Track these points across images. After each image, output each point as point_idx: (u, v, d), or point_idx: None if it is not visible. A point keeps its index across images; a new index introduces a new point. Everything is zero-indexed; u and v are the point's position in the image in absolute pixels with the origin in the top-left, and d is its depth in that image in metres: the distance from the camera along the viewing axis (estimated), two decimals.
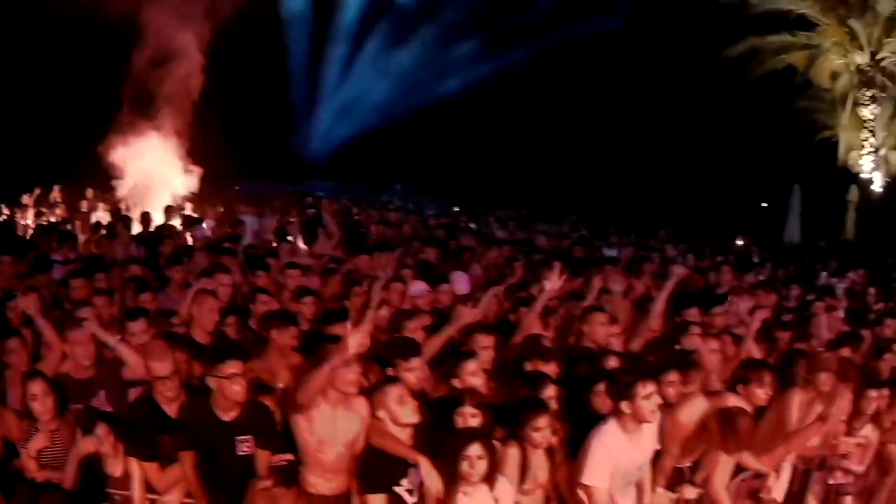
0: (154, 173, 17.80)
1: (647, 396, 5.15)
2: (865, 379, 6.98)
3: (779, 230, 25.32)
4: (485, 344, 6.34)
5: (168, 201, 16.40)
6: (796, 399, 6.27)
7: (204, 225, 14.65)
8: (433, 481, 4.77)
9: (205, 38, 18.00)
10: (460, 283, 9.19)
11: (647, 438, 5.39)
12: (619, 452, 5.20)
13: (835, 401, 6.27)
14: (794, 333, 8.37)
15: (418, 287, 8.83)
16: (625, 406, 5.16)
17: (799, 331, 8.52)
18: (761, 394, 5.96)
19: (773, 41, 30.24)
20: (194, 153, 18.54)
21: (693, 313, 8.15)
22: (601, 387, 5.69)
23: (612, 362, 6.39)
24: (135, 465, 5.20)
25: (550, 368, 6.00)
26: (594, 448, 5.18)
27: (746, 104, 32.47)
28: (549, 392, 5.49)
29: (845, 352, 7.67)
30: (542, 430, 5.10)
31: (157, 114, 17.73)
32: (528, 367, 6.02)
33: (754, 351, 7.45)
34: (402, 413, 5.11)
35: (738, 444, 5.73)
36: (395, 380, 5.32)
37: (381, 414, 5.15)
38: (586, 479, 5.16)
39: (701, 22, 30.23)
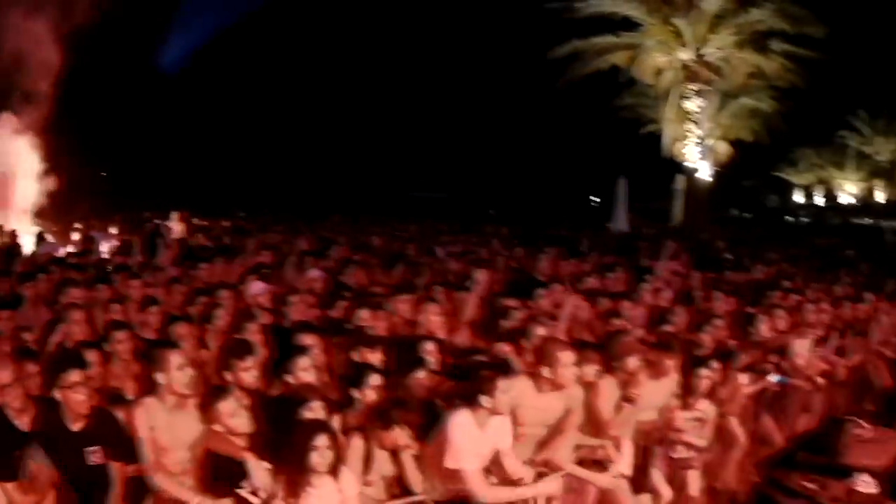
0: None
1: (506, 392, 5.31)
2: (691, 355, 7.31)
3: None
4: (310, 342, 6.41)
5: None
6: (607, 380, 6.37)
7: (52, 240, 14.53)
8: (261, 478, 4.85)
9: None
10: (255, 288, 9.27)
11: (495, 432, 5.51)
12: (466, 442, 5.30)
13: (645, 380, 6.49)
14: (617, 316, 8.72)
15: (257, 286, 9.00)
16: (484, 400, 5.28)
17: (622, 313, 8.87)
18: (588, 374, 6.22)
19: (597, 42, 31.37)
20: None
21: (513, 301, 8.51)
22: (421, 373, 5.88)
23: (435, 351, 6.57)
24: None
25: (377, 357, 6.22)
26: (454, 434, 5.27)
27: (574, 103, 34.06)
28: (379, 380, 5.59)
29: (669, 329, 8.15)
30: (401, 423, 5.20)
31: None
32: (356, 357, 6.21)
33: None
34: (237, 425, 5.18)
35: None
36: (224, 391, 5.35)
37: (217, 427, 5.17)
38: (455, 463, 5.25)
39: (527, 25, 31.28)
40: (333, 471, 4.72)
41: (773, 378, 8.36)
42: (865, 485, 7.02)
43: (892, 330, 11.01)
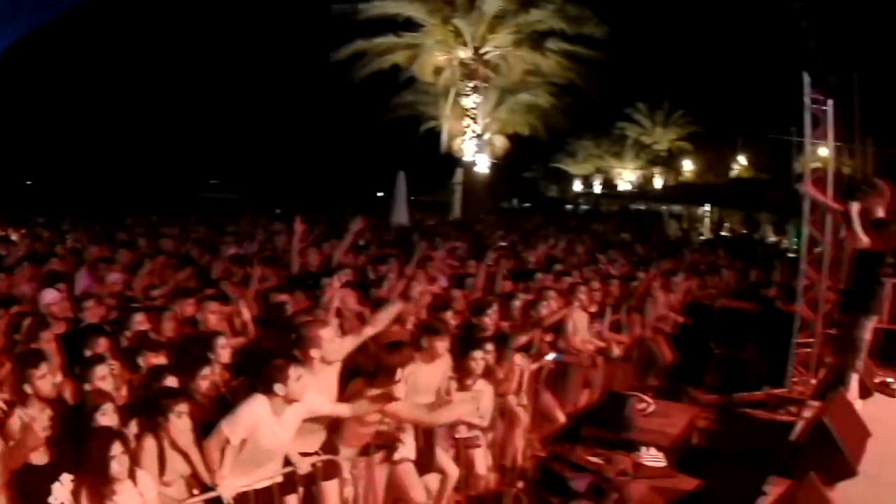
0: None
1: (298, 378, 5.21)
2: (470, 337, 7.19)
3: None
4: (103, 348, 6.14)
5: None
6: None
7: None
8: (64, 491, 4.58)
9: None
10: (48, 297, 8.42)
11: (291, 418, 5.36)
12: (262, 426, 5.19)
13: (420, 365, 6.36)
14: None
15: (50, 295, 8.30)
16: (278, 388, 5.18)
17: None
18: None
19: (380, 43, 31.42)
20: None
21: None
22: (206, 371, 5.79)
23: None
24: None
25: (160, 359, 6.06)
26: (241, 409, 5.19)
27: (356, 103, 34.05)
28: (172, 381, 5.54)
29: (449, 315, 7.87)
30: (184, 414, 5.10)
31: None
32: (141, 361, 6.05)
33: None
34: (30, 441, 4.78)
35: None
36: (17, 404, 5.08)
37: (11, 444, 4.83)
38: (224, 426, 5.14)
39: (312, 28, 31.08)
40: (131, 474, 4.61)
41: (550, 356, 8.29)
42: (652, 458, 6.96)
43: (668, 307, 11.19)
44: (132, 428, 5.11)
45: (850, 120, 10.58)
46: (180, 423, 5.08)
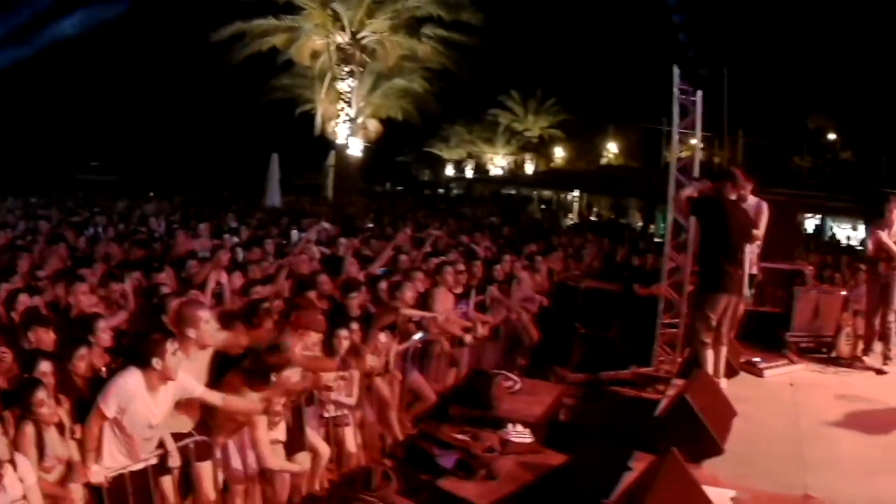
0: None
1: (175, 353, 5.16)
2: (337, 316, 7.19)
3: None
4: None
5: None
6: None
7: None
8: None
9: None
10: None
11: (165, 397, 5.26)
12: (136, 399, 5.09)
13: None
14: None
15: None
16: (155, 362, 5.09)
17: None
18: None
19: (259, 25, 30.97)
20: None
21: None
22: (83, 351, 5.76)
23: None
24: None
25: (49, 337, 6.04)
26: (115, 380, 5.14)
27: (233, 85, 33.93)
28: (45, 367, 5.32)
29: (313, 294, 7.87)
30: (45, 405, 4.91)
31: None
32: (31, 336, 6.01)
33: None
34: None
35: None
36: None
37: None
38: (100, 399, 5.06)
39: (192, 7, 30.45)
40: (11, 460, 4.57)
41: (416, 336, 8.33)
42: (518, 434, 6.96)
43: (533, 288, 11.30)
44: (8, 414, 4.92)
45: (719, 112, 10.85)
46: (44, 411, 4.90)
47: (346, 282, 8.40)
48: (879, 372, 9.20)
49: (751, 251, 9.15)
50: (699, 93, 10.66)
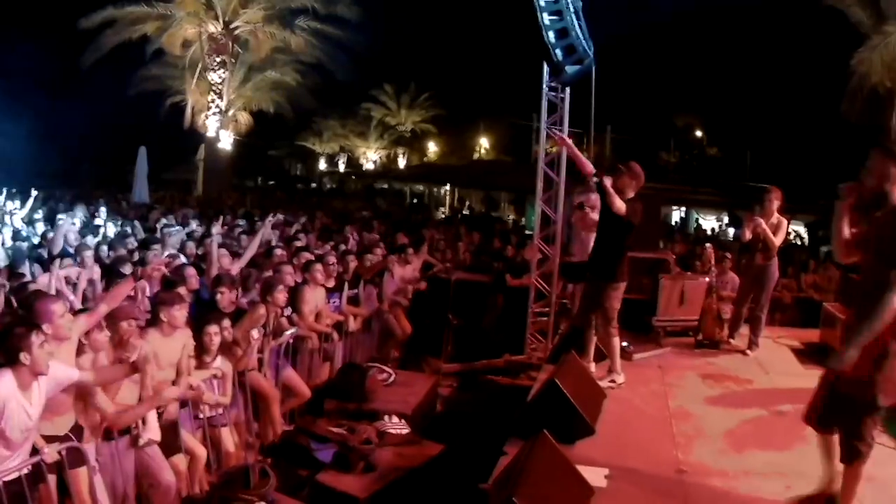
0: None
1: (41, 345, 4.88)
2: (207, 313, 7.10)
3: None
4: None
5: None
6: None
7: None
8: None
9: None
10: None
11: (39, 394, 5.01)
12: (11, 403, 4.82)
13: (157, 338, 6.21)
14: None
15: None
16: (24, 357, 4.83)
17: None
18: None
19: (131, 12, 29.98)
20: None
21: None
22: None
23: None
24: None
25: None
26: None
27: (102, 74, 32.03)
28: None
29: (183, 290, 7.59)
30: None
31: None
32: None
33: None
34: None
35: None
36: None
37: None
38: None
39: None
40: None
41: (289, 332, 8.21)
42: (395, 425, 7.02)
43: (405, 281, 11.39)
44: None
45: (588, 108, 11.17)
46: None
47: (216, 277, 8.21)
48: (744, 354, 9.61)
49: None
50: (567, 90, 10.97)
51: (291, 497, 5.88)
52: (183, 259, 9.81)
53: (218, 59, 31.61)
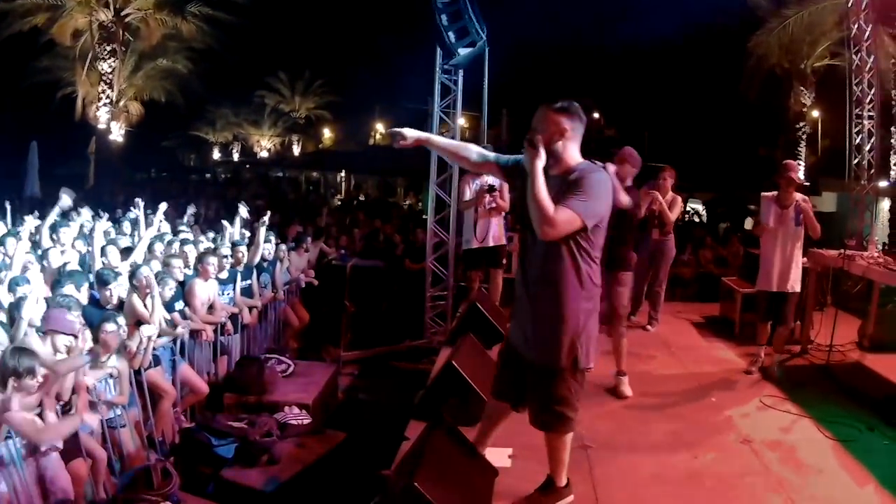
0: None
1: None
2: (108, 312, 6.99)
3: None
4: None
5: None
6: None
7: None
8: None
9: None
10: None
11: None
12: None
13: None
14: None
15: None
16: None
17: None
18: None
19: (22, 4, 28.91)
20: None
21: None
22: None
23: None
24: None
25: None
26: None
27: None
28: None
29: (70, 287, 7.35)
30: None
31: None
32: None
33: None
34: None
35: None
36: None
37: None
38: None
39: None
40: None
41: (181, 326, 8.07)
42: (296, 416, 7.03)
43: (300, 269, 11.37)
44: None
45: (479, 92, 11.29)
46: None
47: (98, 273, 8.00)
48: (644, 329, 9.90)
49: (499, 223, 9.63)
50: (460, 73, 11.05)
51: (195, 496, 5.81)
52: None
53: (108, 49, 30.67)
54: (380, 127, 53.02)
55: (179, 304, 8.30)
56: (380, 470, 5.48)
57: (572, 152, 4.32)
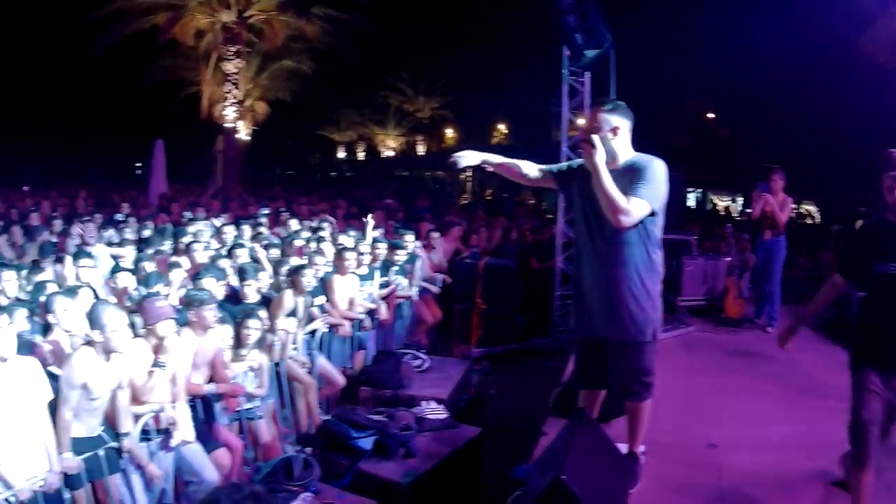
0: None
1: None
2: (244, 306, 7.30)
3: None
4: None
5: None
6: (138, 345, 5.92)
7: None
8: None
9: None
10: None
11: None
12: None
13: (192, 338, 6.30)
14: None
15: None
16: None
17: None
18: None
19: (140, 3, 29.64)
20: None
21: None
22: None
23: None
24: None
25: None
26: None
27: (110, 67, 31.93)
28: None
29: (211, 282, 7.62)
30: None
31: None
32: None
33: None
34: None
35: None
36: None
37: None
38: None
39: None
40: None
41: (320, 321, 8.42)
42: (433, 411, 7.09)
43: (433, 267, 11.46)
44: None
45: (605, 93, 11.22)
46: None
47: (240, 268, 8.32)
48: (764, 331, 9.78)
49: None
50: (587, 74, 10.99)
51: (332, 486, 5.92)
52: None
53: (233, 49, 31.21)
54: (502, 127, 53.00)
55: (319, 300, 8.53)
56: (514, 465, 5.52)
57: (625, 147, 4.68)
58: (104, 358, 5.26)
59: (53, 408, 5.14)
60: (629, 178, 4.51)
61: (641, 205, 4.42)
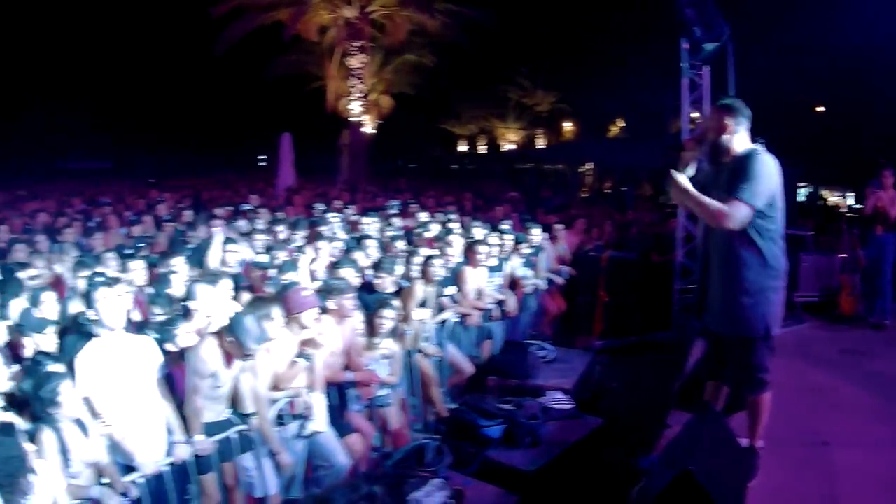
0: None
1: None
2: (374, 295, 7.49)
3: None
4: None
5: None
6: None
7: None
8: None
9: None
10: None
11: None
12: None
13: (330, 326, 6.51)
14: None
15: None
16: None
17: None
18: None
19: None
20: None
21: None
22: None
23: None
24: None
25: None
26: None
27: (233, 62, 32.65)
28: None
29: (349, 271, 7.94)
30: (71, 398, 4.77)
31: None
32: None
33: None
34: None
35: None
36: None
37: None
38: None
39: None
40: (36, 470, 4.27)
41: (450, 310, 8.64)
42: (558, 401, 7.22)
43: (557, 259, 11.58)
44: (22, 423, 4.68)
45: (724, 86, 11.14)
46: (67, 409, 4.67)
47: (380, 261, 8.53)
48: (879, 327, 9.68)
49: None
50: (706, 68, 10.96)
51: (461, 473, 6.07)
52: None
53: (356, 44, 31.79)
54: (618, 121, 52.31)
55: (450, 290, 8.81)
56: (636, 456, 5.66)
57: (738, 143, 4.87)
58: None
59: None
60: (736, 173, 4.70)
61: (740, 206, 4.60)
